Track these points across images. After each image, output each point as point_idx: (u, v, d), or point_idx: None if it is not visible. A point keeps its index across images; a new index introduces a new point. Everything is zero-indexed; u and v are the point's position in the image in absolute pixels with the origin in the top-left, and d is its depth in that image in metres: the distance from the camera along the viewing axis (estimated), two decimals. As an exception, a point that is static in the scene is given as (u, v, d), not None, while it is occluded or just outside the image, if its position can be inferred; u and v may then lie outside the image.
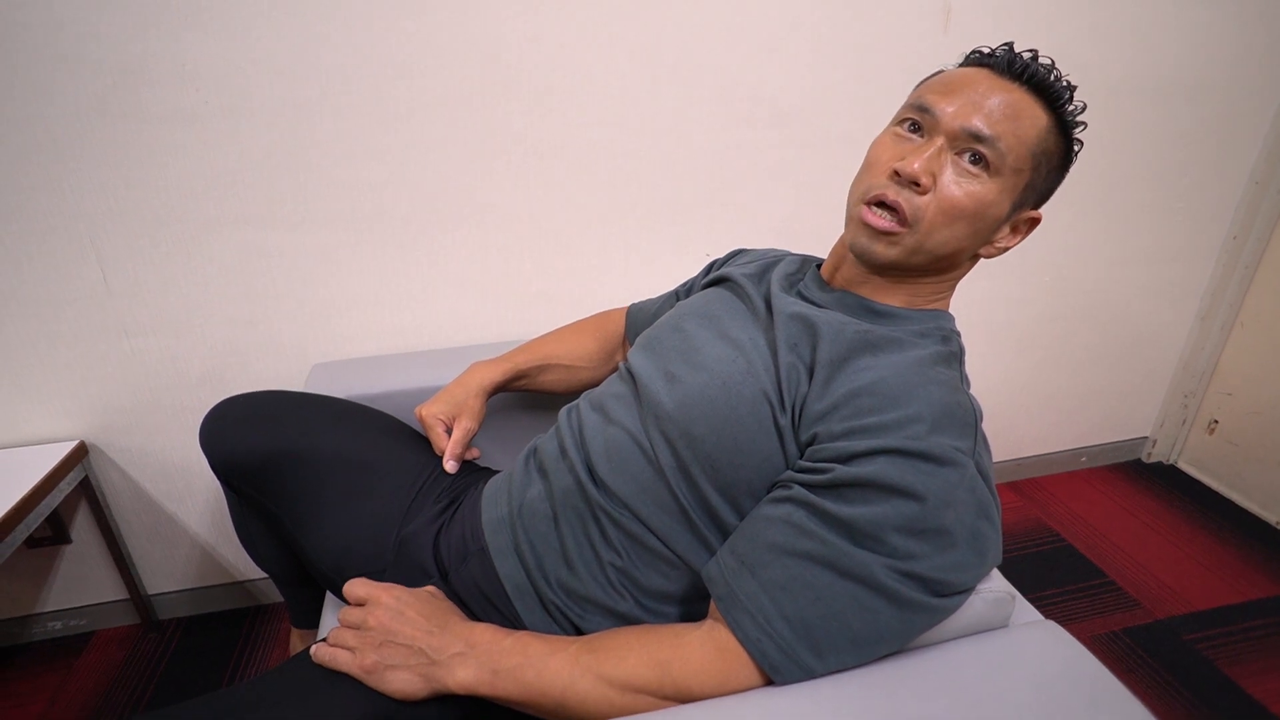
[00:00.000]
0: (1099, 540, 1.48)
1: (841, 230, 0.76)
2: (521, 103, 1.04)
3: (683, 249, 1.20)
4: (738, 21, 1.06)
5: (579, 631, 0.64)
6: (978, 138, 0.57)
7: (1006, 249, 0.64)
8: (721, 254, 0.92)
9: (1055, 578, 1.39)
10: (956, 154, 0.58)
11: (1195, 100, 1.32)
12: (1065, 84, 0.59)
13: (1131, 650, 1.20)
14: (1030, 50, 0.60)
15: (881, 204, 0.59)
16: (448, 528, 0.74)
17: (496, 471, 0.87)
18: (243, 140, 0.98)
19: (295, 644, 1.03)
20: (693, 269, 1.21)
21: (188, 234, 1.02)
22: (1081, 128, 0.61)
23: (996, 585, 0.57)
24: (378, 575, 0.74)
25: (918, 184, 0.57)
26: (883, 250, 0.60)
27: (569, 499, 0.67)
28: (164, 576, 1.27)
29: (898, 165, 0.58)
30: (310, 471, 0.78)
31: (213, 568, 1.28)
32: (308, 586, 0.93)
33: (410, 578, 0.71)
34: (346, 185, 1.04)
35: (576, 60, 1.03)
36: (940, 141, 0.58)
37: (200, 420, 1.12)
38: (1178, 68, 1.28)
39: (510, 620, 0.66)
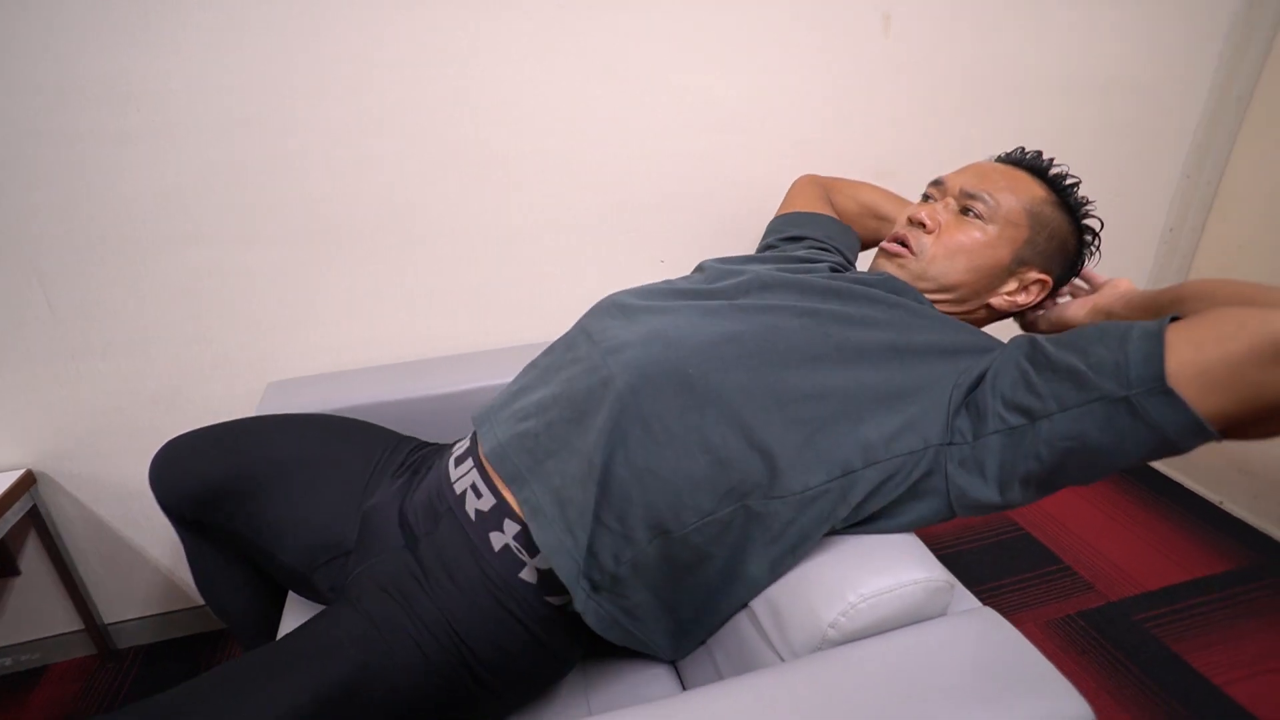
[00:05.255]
0: (1056, 528, 1.52)
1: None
2: (472, 114, 1.05)
3: (638, 253, 1.21)
4: (681, 30, 1.07)
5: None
6: (972, 195, 0.75)
7: (1017, 304, 0.77)
8: (674, 258, 0.93)
9: (1015, 566, 1.42)
10: (960, 209, 0.75)
11: (1127, 98, 1.37)
12: (1064, 172, 0.77)
13: (1086, 632, 1.24)
14: (1039, 150, 0.79)
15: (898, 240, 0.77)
16: (412, 495, 0.75)
17: (446, 444, 0.88)
18: (189, 158, 0.97)
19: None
20: (648, 273, 1.23)
21: (136, 254, 1.01)
22: (1099, 225, 0.77)
23: (935, 575, 0.59)
24: (344, 557, 0.75)
25: (924, 225, 0.76)
26: (895, 270, 0.76)
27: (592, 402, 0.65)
28: (122, 604, 1.24)
29: (911, 213, 0.78)
30: (264, 480, 0.79)
31: (174, 593, 1.26)
32: (266, 637, 0.92)
33: (373, 551, 0.71)
34: (297, 201, 1.04)
35: (526, 72, 1.04)
36: (948, 200, 0.77)
37: (156, 442, 1.11)
38: (1109, 68, 1.33)
39: (483, 576, 0.66)
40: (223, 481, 0.79)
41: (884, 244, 0.78)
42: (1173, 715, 1.07)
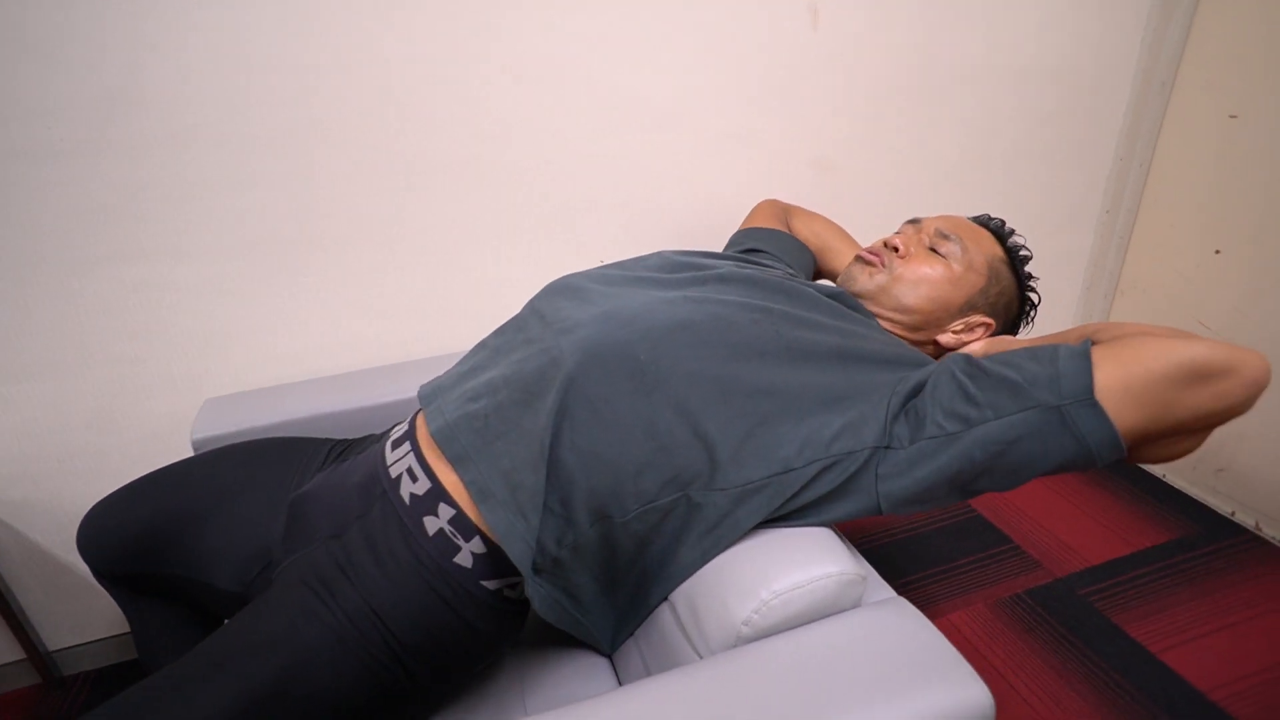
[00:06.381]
0: (1005, 507, 1.55)
1: (738, 222, 1.13)
2: (400, 122, 1.03)
3: (578, 254, 1.21)
4: (609, 30, 1.07)
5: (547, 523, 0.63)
6: (944, 235, 0.82)
7: (962, 342, 0.82)
8: (613, 257, 0.94)
9: (966, 548, 1.45)
10: (931, 244, 0.82)
11: (1057, 83, 1.39)
12: (1021, 243, 0.85)
13: (1032, 610, 1.27)
14: (1003, 220, 0.88)
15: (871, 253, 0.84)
16: (344, 480, 0.74)
17: (373, 434, 0.88)
18: (112, 174, 0.95)
19: None
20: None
21: (60, 273, 0.98)
22: (1037, 299, 0.86)
23: (846, 568, 0.60)
24: (267, 558, 0.75)
25: (896, 249, 0.82)
26: (865, 280, 0.82)
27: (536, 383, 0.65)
28: (67, 630, 1.22)
29: (885, 238, 0.85)
30: (190, 515, 0.79)
31: (120, 616, 1.24)
32: None
33: (300, 541, 0.70)
34: (228, 214, 1.02)
35: (452, 78, 1.03)
36: (922, 236, 0.84)
37: (92, 464, 1.10)
38: (1038, 53, 1.35)
39: (415, 561, 0.65)
40: (150, 526, 0.78)
41: (860, 253, 0.85)
42: (1112, 686, 1.11)
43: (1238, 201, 1.38)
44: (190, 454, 0.95)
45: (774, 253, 0.98)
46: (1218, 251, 1.43)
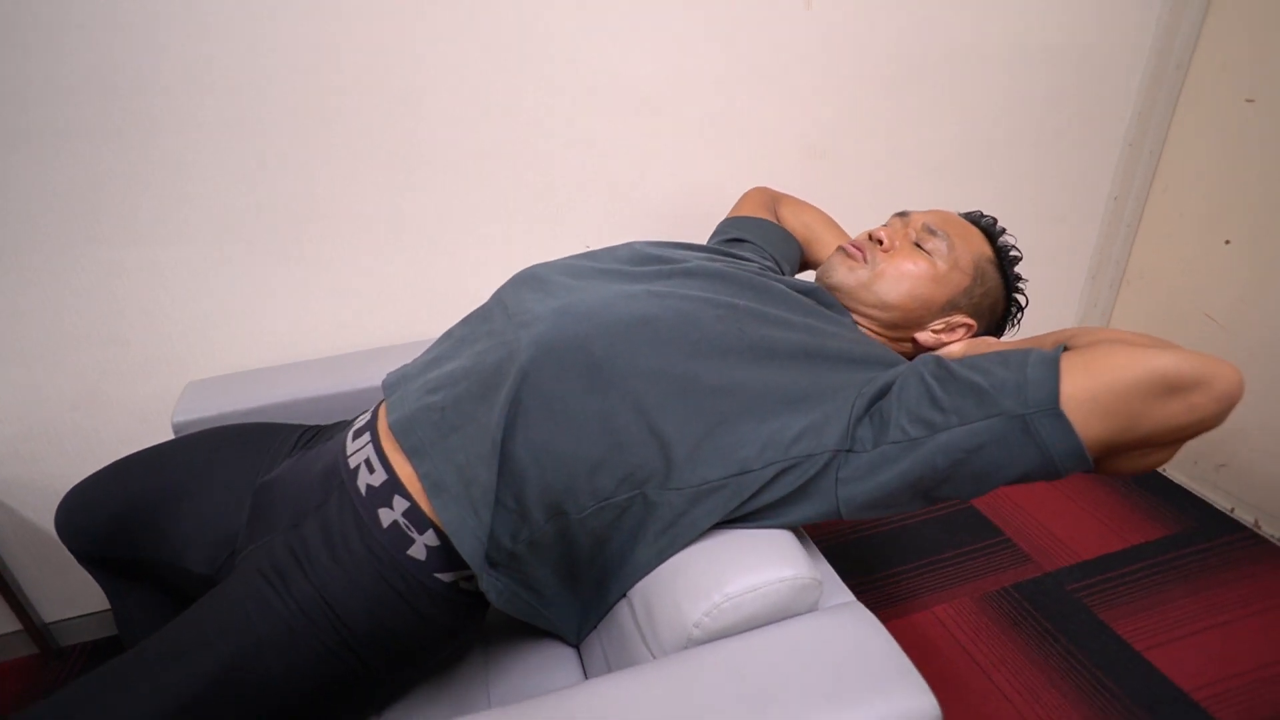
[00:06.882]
0: (1000, 500, 1.53)
1: (726, 209, 1.09)
2: (377, 108, 1.02)
3: (560, 239, 1.19)
4: (594, 11, 1.04)
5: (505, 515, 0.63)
6: (932, 231, 0.79)
7: (941, 342, 0.79)
8: (600, 243, 0.92)
9: (956, 540, 1.44)
10: (917, 240, 0.79)
11: (1062, 67, 1.34)
12: (1011, 243, 0.83)
13: (1019, 604, 1.26)
14: (994, 218, 0.85)
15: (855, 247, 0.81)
16: (308, 468, 0.74)
17: (344, 420, 0.88)
18: (85, 159, 0.95)
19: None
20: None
21: (38, 258, 0.99)
22: (1025, 301, 0.84)
23: (801, 572, 0.59)
24: (235, 544, 0.75)
25: (881, 242, 0.80)
26: (845, 274, 0.80)
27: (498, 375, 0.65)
28: (62, 603, 1.25)
29: (871, 230, 0.83)
30: (163, 499, 0.79)
31: (115, 591, 1.26)
32: None
33: (262, 529, 0.70)
34: (206, 198, 1.01)
35: (429, 63, 1.01)
36: (909, 231, 0.81)
37: (79, 444, 1.12)
38: (1047, 35, 1.30)
39: (368, 553, 0.65)
40: (123, 510, 0.79)
41: (842, 245, 0.82)
42: (1094, 683, 1.10)
43: (1251, 190, 1.33)
44: (171, 437, 0.96)
45: (758, 243, 0.96)
46: (1228, 242, 1.38)
